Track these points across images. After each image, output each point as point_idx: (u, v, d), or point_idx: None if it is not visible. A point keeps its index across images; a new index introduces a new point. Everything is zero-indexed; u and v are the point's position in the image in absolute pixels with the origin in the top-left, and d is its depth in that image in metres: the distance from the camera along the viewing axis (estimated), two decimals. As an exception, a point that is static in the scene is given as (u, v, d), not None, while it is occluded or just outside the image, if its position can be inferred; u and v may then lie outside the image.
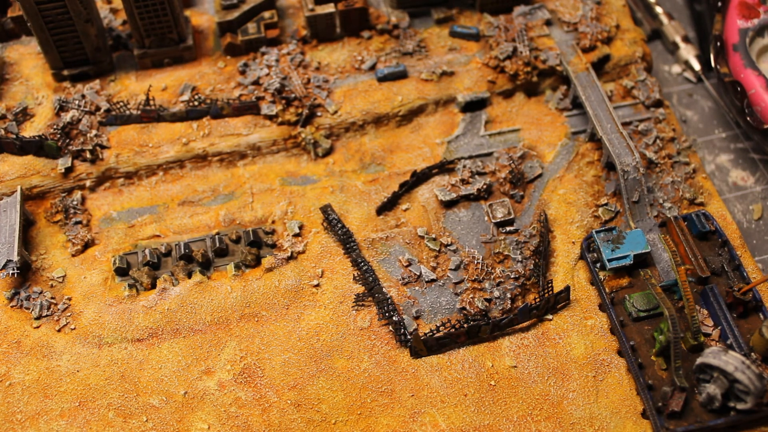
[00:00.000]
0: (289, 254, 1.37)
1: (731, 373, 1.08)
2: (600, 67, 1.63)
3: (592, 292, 1.32)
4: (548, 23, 1.68)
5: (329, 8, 1.64)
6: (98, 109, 1.56)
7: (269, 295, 1.33)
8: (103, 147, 1.53)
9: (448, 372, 1.23)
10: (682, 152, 1.50)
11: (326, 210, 1.43)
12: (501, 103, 1.61)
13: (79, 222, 1.45)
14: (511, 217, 1.40)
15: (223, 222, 1.45)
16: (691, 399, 1.15)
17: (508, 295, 1.30)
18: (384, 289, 1.31)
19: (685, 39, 1.79)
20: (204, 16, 1.76)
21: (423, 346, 1.23)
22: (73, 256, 1.41)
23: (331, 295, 1.32)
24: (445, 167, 1.49)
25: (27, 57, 1.69)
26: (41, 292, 1.35)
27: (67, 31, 1.56)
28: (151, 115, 1.55)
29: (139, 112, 1.55)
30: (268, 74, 1.59)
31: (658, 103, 1.58)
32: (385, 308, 1.28)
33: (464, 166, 1.47)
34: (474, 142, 1.54)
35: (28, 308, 1.33)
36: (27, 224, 1.44)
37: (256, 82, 1.59)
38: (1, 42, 1.72)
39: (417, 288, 1.32)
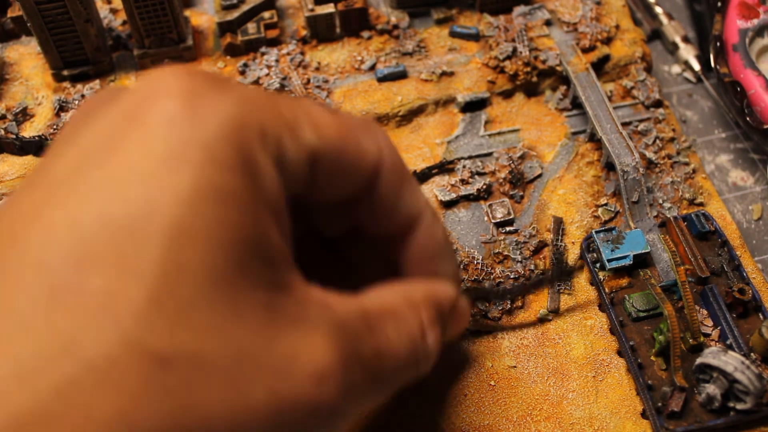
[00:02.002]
0: (289, 254, 1.37)
1: (731, 373, 1.08)
2: (600, 67, 1.63)
3: (592, 292, 1.32)
4: (548, 23, 1.68)
5: (329, 8, 1.64)
6: (98, 109, 1.56)
7: (269, 295, 1.33)
8: (103, 147, 1.52)
9: (448, 372, 1.23)
10: (682, 152, 1.50)
11: (326, 210, 1.43)
12: (501, 103, 1.61)
13: (79, 222, 1.45)
14: (511, 217, 1.40)
15: (223, 222, 1.44)
16: (690, 399, 1.15)
17: (508, 295, 1.30)
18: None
19: (685, 39, 1.79)
20: (204, 16, 1.77)
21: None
22: (73, 256, 1.40)
23: (331, 295, 1.32)
24: (444, 167, 1.49)
25: (27, 57, 1.69)
26: (41, 292, 1.34)
27: (67, 31, 1.56)
28: (151, 115, 1.55)
29: (139, 112, 1.55)
30: (267, 74, 1.59)
31: (658, 104, 1.58)
32: None
33: (464, 167, 1.48)
34: (474, 142, 1.54)
35: (28, 308, 1.33)
36: (27, 224, 1.44)
37: (256, 83, 1.59)
38: (1, 42, 1.72)
39: (417, 288, 1.32)
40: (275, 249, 0.67)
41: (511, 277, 1.32)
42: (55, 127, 1.51)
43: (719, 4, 1.63)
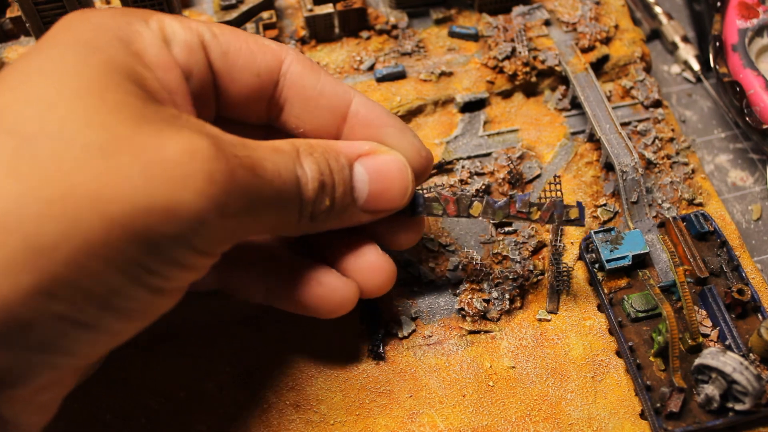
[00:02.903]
0: (288, 255, 1.37)
1: (729, 374, 1.08)
2: (599, 67, 1.63)
3: (591, 292, 1.32)
4: (547, 23, 1.68)
5: (328, 8, 1.64)
6: (97, 109, 1.56)
7: (268, 296, 1.33)
8: (101, 148, 1.52)
9: (447, 373, 1.23)
10: (681, 152, 1.50)
11: (325, 210, 1.43)
12: (500, 103, 1.61)
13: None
14: (510, 217, 1.40)
15: (222, 223, 1.44)
16: (689, 400, 1.15)
17: (507, 296, 1.30)
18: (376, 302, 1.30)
19: (685, 39, 1.79)
20: (203, 17, 1.76)
21: None
22: (72, 256, 1.40)
23: (330, 296, 1.32)
24: (443, 168, 1.49)
25: (26, 57, 1.69)
26: (40, 293, 1.34)
27: (65, 32, 1.55)
28: (149, 115, 1.55)
29: (137, 112, 1.55)
30: (266, 75, 1.59)
31: (657, 104, 1.58)
32: (371, 317, 1.27)
33: (463, 167, 1.47)
34: (473, 142, 1.54)
35: (26, 309, 1.33)
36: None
37: (255, 83, 1.59)
38: (0, 42, 1.72)
39: (415, 289, 1.32)
40: (149, 79, 0.87)
41: (510, 277, 1.32)
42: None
43: (719, 3, 1.63)
